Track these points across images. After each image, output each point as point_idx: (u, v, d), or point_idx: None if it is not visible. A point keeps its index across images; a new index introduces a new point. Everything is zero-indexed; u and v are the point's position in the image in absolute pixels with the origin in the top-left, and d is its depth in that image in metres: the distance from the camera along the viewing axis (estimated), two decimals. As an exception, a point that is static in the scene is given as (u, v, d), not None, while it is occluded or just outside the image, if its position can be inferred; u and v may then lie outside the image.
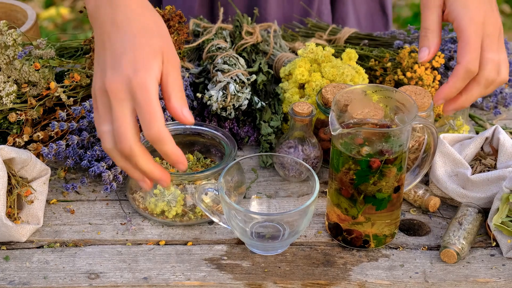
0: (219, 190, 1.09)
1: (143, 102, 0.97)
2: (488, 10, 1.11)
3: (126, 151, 0.99)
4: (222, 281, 1.09)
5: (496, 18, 1.11)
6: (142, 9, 1.06)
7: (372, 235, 1.12)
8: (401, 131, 1.06)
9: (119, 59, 1.00)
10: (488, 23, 1.10)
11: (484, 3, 1.11)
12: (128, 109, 0.99)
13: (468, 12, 1.09)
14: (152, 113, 0.97)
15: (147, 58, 1.00)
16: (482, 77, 1.11)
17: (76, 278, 1.09)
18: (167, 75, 1.01)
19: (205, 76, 1.42)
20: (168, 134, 0.98)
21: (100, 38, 1.05)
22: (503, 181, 1.16)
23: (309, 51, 1.36)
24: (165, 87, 1.01)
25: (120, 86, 0.98)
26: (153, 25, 1.05)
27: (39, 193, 1.17)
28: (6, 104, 1.26)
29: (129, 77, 0.98)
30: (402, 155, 1.08)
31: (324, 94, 1.25)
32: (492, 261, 1.12)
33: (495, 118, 1.45)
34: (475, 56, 1.09)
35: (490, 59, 1.10)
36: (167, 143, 0.98)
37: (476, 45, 1.09)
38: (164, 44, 1.03)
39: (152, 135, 0.97)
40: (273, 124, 1.33)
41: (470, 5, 1.10)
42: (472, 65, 1.08)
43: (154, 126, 0.97)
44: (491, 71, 1.10)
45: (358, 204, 1.10)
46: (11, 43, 1.27)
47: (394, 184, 1.09)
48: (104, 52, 1.03)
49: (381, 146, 1.07)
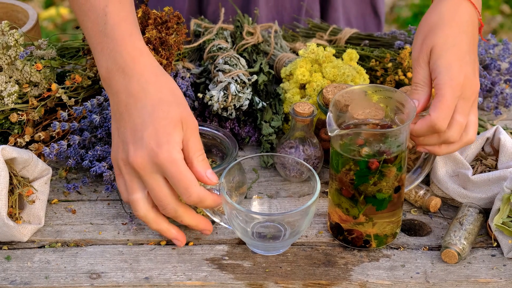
0: (220, 190, 1.09)
1: (175, 174, 1.05)
2: (469, 74, 1.13)
3: (172, 214, 1.09)
4: (223, 281, 1.09)
5: (475, 83, 1.14)
6: (156, 77, 1.10)
7: (373, 235, 1.12)
8: (400, 131, 1.06)
9: (140, 133, 1.06)
10: (467, 86, 1.12)
11: (467, 65, 1.13)
12: (160, 179, 1.07)
13: (449, 72, 1.11)
14: (187, 182, 1.06)
15: (168, 130, 1.06)
16: (444, 135, 1.12)
17: (77, 278, 1.09)
18: (188, 141, 1.08)
19: (206, 76, 1.42)
20: (205, 191, 1.07)
21: (116, 107, 1.09)
22: (504, 182, 1.16)
23: (310, 51, 1.36)
24: (186, 153, 1.07)
25: (146, 161, 1.05)
26: (169, 94, 1.09)
27: (40, 193, 1.17)
28: (8, 104, 1.27)
29: (153, 151, 1.05)
30: (402, 154, 1.08)
31: (325, 95, 1.25)
32: (493, 262, 1.13)
33: (496, 119, 1.45)
34: (446, 115, 1.10)
35: (458, 122, 1.11)
36: (207, 200, 1.08)
37: (450, 104, 1.10)
38: (181, 111, 1.08)
39: (194, 200, 1.06)
40: (274, 124, 1.33)
41: (453, 66, 1.12)
42: (440, 122, 1.10)
43: (193, 193, 1.06)
44: (455, 132, 1.12)
45: (359, 204, 1.10)
46: (12, 44, 1.27)
47: (394, 184, 1.09)
48: (124, 124, 1.08)
49: (379, 146, 1.07)
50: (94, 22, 1.11)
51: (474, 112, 1.15)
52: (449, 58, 1.13)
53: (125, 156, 1.07)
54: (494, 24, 3.51)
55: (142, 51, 1.10)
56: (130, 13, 1.12)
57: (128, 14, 1.12)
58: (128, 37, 1.09)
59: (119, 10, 1.11)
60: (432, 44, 1.14)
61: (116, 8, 1.10)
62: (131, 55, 1.09)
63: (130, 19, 1.12)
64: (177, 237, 1.12)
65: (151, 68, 1.10)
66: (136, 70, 1.08)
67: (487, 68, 1.51)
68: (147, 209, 1.09)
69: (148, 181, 1.06)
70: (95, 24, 1.11)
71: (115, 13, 1.10)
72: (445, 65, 1.12)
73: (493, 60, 1.50)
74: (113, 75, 1.09)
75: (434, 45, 1.14)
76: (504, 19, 3.55)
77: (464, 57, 1.13)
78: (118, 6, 1.11)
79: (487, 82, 1.46)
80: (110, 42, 1.09)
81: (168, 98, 1.08)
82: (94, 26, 1.11)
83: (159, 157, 1.04)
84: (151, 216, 1.10)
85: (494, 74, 1.51)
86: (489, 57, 1.52)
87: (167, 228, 1.12)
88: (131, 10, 1.13)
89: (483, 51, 1.51)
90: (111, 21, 1.10)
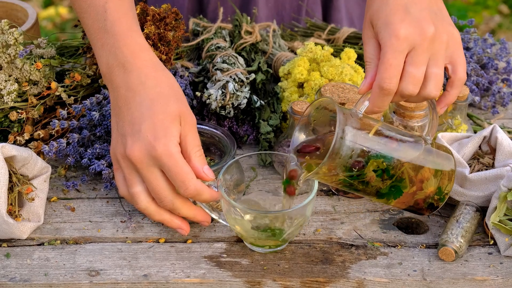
0: (219, 188, 1.10)
1: (172, 167, 1.05)
2: (423, 23, 1.05)
3: (169, 206, 1.09)
4: (222, 278, 1.09)
5: (441, 30, 1.06)
6: (156, 72, 1.10)
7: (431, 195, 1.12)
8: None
9: (138, 126, 1.06)
10: (419, 35, 1.04)
11: (412, 15, 1.05)
12: (157, 172, 1.07)
13: (388, 29, 1.05)
14: (184, 175, 1.06)
15: (166, 124, 1.06)
16: (399, 89, 1.06)
17: (76, 275, 1.09)
18: (186, 136, 1.08)
19: (204, 75, 1.43)
20: (202, 184, 1.07)
21: (116, 102, 1.10)
22: (501, 180, 1.16)
23: (308, 50, 1.36)
24: (184, 147, 1.08)
25: (143, 154, 1.05)
26: (168, 89, 1.09)
27: (39, 190, 1.17)
28: (7, 103, 1.27)
29: (151, 144, 1.05)
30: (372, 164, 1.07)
31: (323, 93, 1.25)
32: (490, 259, 1.13)
33: (493, 117, 1.45)
34: (389, 74, 1.04)
35: (409, 73, 1.05)
36: (204, 193, 1.08)
37: (393, 62, 1.04)
38: (180, 106, 1.09)
39: (191, 193, 1.06)
40: (272, 122, 1.33)
41: (391, 21, 1.05)
42: (385, 83, 1.05)
43: (190, 185, 1.06)
44: (407, 84, 1.05)
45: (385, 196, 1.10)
46: (12, 42, 1.27)
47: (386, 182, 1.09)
48: (122, 118, 1.08)
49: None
50: (94, 18, 1.11)
51: (439, 65, 1.07)
52: (386, 16, 1.06)
53: (123, 149, 1.07)
54: (492, 24, 3.51)
55: (142, 47, 1.10)
56: (129, 9, 1.13)
57: (128, 10, 1.12)
58: (128, 32, 1.10)
59: (119, 6, 1.11)
60: (370, 14, 1.09)
61: (116, 4, 1.11)
62: (131, 51, 1.09)
63: (130, 15, 1.12)
64: (180, 226, 1.13)
65: (151, 63, 1.10)
66: (136, 65, 1.09)
67: (484, 67, 1.51)
68: (148, 201, 1.10)
69: (146, 174, 1.07)
70: (95, 20, 1.11)
71: (114, 9, 1.11)
72: (382, 23, 1.06)
73: (491, 60, 1.51)
74: (113, 70, 1.09)
75: (372, 14, 1.09)
76: (503, 19, 3.55)
77: (406, 9, 1.06)
78: (117, 2, 1.11)
79: (485, 81, 1.47)
80: (110, 38, 1.10)
81: (167, 92, 1.08)
82: (94, 23, 1.11)
83: (157, 150, 1.04)
84: (153, 208, 1.10)
85: (492, 74, 1.52)
86: (487, 56, 1.52)
87: (170, 218, 1.12)
88: (130, 6, 1.14)
89: (480, 50, 1.52)
90: (110, 17, 1.10)
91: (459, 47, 1.09)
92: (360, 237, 1.17)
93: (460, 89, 1.11)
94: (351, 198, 1.24)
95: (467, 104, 1.31)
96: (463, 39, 1.55)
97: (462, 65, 1.09)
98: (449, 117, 1.33)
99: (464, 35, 1.56)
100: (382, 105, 1.08)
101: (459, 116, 1.32)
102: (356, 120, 1.06)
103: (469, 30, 1.58)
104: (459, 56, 1.09)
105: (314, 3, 1.72)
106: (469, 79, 1.47)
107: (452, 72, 1.10)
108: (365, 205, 1.23)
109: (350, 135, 1.04)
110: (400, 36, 1.04)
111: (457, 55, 1.09)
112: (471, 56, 1.51)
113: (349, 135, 1.03)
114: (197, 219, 1.13)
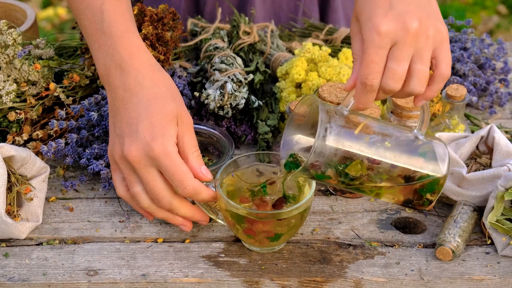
0: (217, 187, 1.10)
1: (169, 167, 1.05)
2: (407, 18, 1.02)
3: (167, 207, 1.09)
4: (220, 278, 1.10)
5: (426, 26, 1.03)
6: (153, 73, 1.11)
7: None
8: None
9: (136, 126, 1.06)
10: (402, 30, 1.02)
11: (395, 10, 1.03)
12: (155, 172, 1.07)
13: (369, 24, 1.03)
14: (182, 174, 1.06)
15: (163, 124, 1.06)
16: (381, 86, 1.05)
17: (75, 275, 1.10)
18: (183, 136, 1.08)
19: (202, 75, 1.43)
20: (200, 183, 1.08)
21: (113, 102, 1.10)
22: (498, 180, 1.16)
23: (306, 50, 1.37)
24: (181, 148, 1.08)
25: (140, 154, 1.06)
26: (165, 89, 1.10)
27: (38, 190, 1.17)
28: (6, 103, 1.27)
29: (148, 145, 1.05)
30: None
31: (321, 94, 1.26)
32: (487, 259, 1.13)
33: (491, 117, 1.46)
34: (370, 70, 1.02)
35: (390, 69, 1.03)
36: (202, 192, 1.08)
37: (374, 58, 1.02)
38: (177, 106, 1.09)
39: (189, 193, 1.07)
40: (270, 123, 1.34)
41: (373, 16, 1.03)
42: (367, 79, 1.03)
43: (188, 185, 1.06)
44: (389, 80, 1.03)
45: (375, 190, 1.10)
46: (11, 43, 1.27)
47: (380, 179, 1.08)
48: (119, 118, 1.09)
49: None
50: (91, 20, 1.12)
51: (423, 61, 1.04)
52: (369, 10, 1.04)
53: (121, 150, 1.07)
54: (490, 25, 3.52)
55: (139, 48, 1.11)
56: (126, 11, 1.13)
57: (125, 12, 1.13)
58: (125, 33, 1.10)
59: (116, 8, 1.11)
60: (356, 9, 1.07)
61: (113, 6, 1.11)
62: (128, 52, 1.09)
63: (127, 16, 1.12)
64: (183, 222, 1.13)
65: (148, 64, 1.10)
66: (134, 66, 1.09)
67: (482, 67, 1.52)
68: (150, 200, 1.10)
69: (143, 174, 1.07)
70: (92, 22, 1.11)
71: (111, 10, 1.11)
72: (365, 18, 1.04)
73: (488, 60, 1.51)
74: (110, 72, 1.09)
75: (357, 9, 1.06)
76: (501, 20, 3.56)
77: (390, 3, 1.03)
78: (114, 3, 1.12)
79: (482, 81, 1.47)
80: (108, 39, 1.10)
81: (164, 93, 1.09)
82: (91, 24, 1.12)
83: (154, 150, 1.05)
84: (155, 206, 1.10)
85: (489, 74, 1.52)
86: (484, 56, 1.53)
87: (172, 215, 1.12)
88: (127, 7, 1.14)
89: (478, 50, 1.52)
90: (108, 18, 1.10)
91: (445, 42, 1.06)
92: (358, 236, 1.17)
93: (441, 85, 1.08)
94: (348, 198, 1.24)
95: (465, 104, 1.31)
96: (460, 40, 1.56)
97: (446, 61, 1.06)
98: (446, 117, 1.33)
99: (461, 35, 1.57)
100: (366, 102, 1.06)
101: (456, 116, 1.33)
102: (340, 118, 1.05)
103: (466, 31, 1.58)
104: (442, 51, 1.06)
105: (311, 3, 1.72)
106: (466, 79, 1.47)
107: (435, 67, 1.07)
108: (363, 205, 1.23)
109: (333, 134, 1.03)
110: (381, 32, 1.02)
111: (441, 50, 1.06)
112: (469, 56, 1.51)
113: (332, 133, 1.03)
114: (195, 218, 1.13)
